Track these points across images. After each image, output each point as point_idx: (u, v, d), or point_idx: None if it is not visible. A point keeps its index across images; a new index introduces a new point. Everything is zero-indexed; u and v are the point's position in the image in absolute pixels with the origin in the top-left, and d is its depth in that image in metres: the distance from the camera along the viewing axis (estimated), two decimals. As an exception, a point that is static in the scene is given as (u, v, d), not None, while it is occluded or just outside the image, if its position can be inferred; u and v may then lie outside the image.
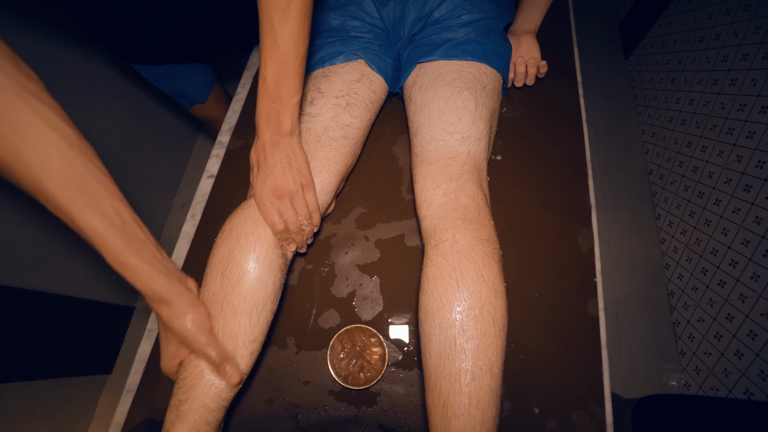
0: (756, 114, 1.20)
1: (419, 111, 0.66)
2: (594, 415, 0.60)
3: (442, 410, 0.45)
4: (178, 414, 0.46)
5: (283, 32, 0.47)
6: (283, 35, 0.47)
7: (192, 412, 0.46)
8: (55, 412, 1.24)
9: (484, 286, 0.48)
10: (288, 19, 0.47)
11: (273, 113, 0.52)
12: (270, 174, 0.54)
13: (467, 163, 0.59)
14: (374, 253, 0.73)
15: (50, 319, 1.18)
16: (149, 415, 0.63)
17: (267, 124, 0.53)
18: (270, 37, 0.47)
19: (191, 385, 0.47)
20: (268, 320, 0.53)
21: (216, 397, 0.48)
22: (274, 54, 0.48)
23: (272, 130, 0.53)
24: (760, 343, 1.10)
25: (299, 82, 0.52)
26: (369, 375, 0.61)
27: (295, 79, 0.51)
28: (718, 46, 1.41)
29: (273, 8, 0.46)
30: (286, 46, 0.48)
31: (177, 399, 0.48)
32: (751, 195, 1.18)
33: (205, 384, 0.47)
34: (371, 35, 0.74)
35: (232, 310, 0.49)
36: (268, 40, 0.48)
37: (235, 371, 0.47)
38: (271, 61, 0.49)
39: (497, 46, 0.70)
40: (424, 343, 0.51)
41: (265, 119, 0.53)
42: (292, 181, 0.55)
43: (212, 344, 0.47)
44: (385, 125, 0.84)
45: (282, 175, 0.54)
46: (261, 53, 0.50)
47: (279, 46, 0.48)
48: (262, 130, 0.54)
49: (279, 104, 0.51)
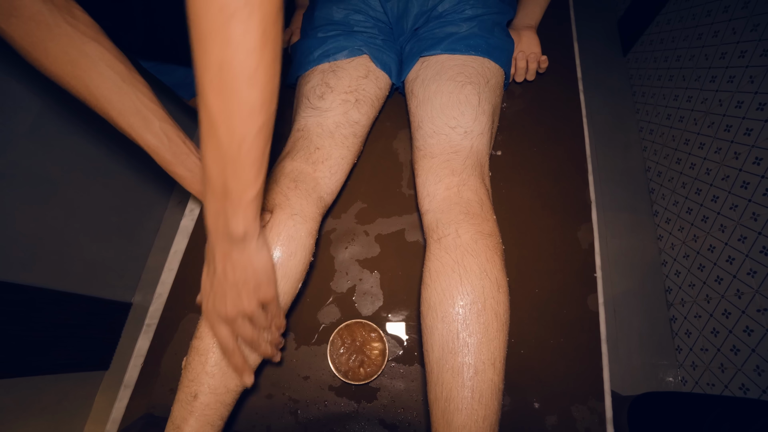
0: (754, 111, 1.20)
1: (421, 105, 0.66)
2: (594, 410, 0.60)
3: (444, 404, 0.45)
4: (190, 410, 0.46)
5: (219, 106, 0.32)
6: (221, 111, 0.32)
7: (205, 407, 0.46)
8: (52, 408, 1.23)
9: (487, 281, 0.48)
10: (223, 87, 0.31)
11: (220, 213, 0.38)
12: (220, 292, 0.44)
13: (470, 158, 0.59)
14: (374, 248, 0.72)
15: (47, 315, 1.17)
16: (147, 410, 0.63)
17: (214, 226, 0.40)
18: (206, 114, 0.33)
19: (203, 380, 0.47)
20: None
21: (230, 390, 0.48)
22: (215, 140, 0.34)
23: (221, 236, 0.40)
24: (756, 339, 1.11)
25: (259, 166, 0.36)
26: (369, 370, 0.61)
27: (252, 165, 0.35)
28: (717, 43, 1.41)
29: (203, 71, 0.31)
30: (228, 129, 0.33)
31: (187, 393, 0.47)
32: (748, 192, 1.19)
33: (219, 377, 0.47)
34: (375, 30, 0.73)
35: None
36: (205, 121, 0.33)
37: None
38: (210, 148, 0.34)
39: (500, 41, 0.70)
40: (426, 337, 0.51)
41: (212, 218, 0.39)
42: (247, 302, 0.44)
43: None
44: (385, 120, 0.84)
45: (235, 296, 0.43)
46: (200, 136, 0.34)
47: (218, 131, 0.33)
48: (210, 231, 0.41)
49: (226, 202, 0.37)
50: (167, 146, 0.54)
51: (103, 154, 1.29)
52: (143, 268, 1.57)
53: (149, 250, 1.60)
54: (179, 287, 0.71)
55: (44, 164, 1.10)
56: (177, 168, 0.55)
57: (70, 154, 1.18)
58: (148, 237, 1.60)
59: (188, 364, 0.49)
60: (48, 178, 1.12)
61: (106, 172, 1.31)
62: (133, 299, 1.53)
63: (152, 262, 1.58)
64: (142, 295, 1.54)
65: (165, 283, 0.72)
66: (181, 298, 0.70)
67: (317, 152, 0.61)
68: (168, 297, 0.70)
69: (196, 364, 0.48)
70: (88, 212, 1.27)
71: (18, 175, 1.04)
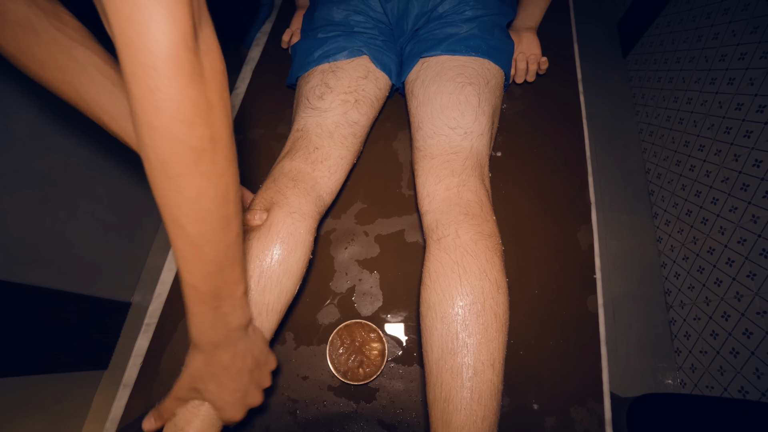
0: (754, 113, 1.20)
1: (421, 106, 0.66)
2: (593, 411, 0.60)
3: (443, 405, 0.45)
4: (196, 413, 0.46)
5: (201, 230, 0.33)
6: (203, 233, 0.33)
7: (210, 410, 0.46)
8: (51, 407, 1.23)
9: (487, 281, 0.48)
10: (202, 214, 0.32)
11: (219, 318, 0.39)
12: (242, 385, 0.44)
13: (470, 159, 0.59)
14: (374, 248, 0.72)
15: (46, 314, 1.17)
16: (146, 409, 0.62)
17: (213, 330, 0.40)
18: (184, 241, 0.33)
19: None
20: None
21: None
22: (199, 259, 0.35)
23: (222, 339, 0.41)
24: (756, 342, 1.11)
25: (243, 262, 0.39)
26: (368, 370, 0.61)
27: (238, 263, 0.38)
28: (717, 45, 1.41)
29: (173, 207, 0.32)
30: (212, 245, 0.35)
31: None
32: (748, 194, 1.19)
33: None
34: (375, 30, 0.73)
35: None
36: (183, 246, 0.34)
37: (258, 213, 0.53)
38: (196, 267, 0.35)
39: (500, 42, 0.70)
40: (425, 338, 0.51)
41: (210, 327, 0.40)
42: (265, 379, 0.48)
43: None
44: (385, 121, 0.84)
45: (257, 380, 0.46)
46: (178, 259, 0.35)
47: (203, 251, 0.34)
48: (204, 343, 0.41)
49: (222, 306, 0.39)
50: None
51: (102, 154, 1.29)
52: (142, 267, 1.57)
53: (148, 250, 1.60)
54: (178, 287, 0.71)
55: (44, 164, 1.10)
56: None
57: (70, 153, 1.18)
58: (147, 237, 1.60)
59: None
60: (47, 178, 1.12)
61: (105, 171, 1.31)
62: (132, 299, 1.53)
63: (151, 262, 1.58)
64: (141, 295, 1.54)
65: (165, 282, 0.72)
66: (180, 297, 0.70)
67: (316, 152, 0.61)
68: (167, 296, 0.70)
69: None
70: (88, 212, 1.27)
71: (17, 174, 1.04)
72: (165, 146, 0.28)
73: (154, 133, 0.28)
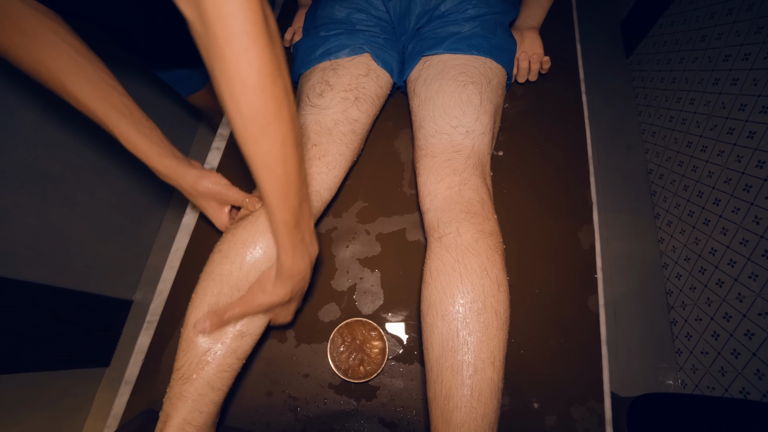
0: (757, 114, 1.20)
1: (423, 104, 0.66)
2: (593, 411, 0.60)
3: (443, 402, 0.45)
4: (180, 393, 0.47)
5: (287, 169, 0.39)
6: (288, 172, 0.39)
7: (195, 391, 0.46)
8: (53, 404, 1.23)
9: (487, 279, 0.48)
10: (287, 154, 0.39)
11: (305, 248, 0.46)
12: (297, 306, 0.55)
13: (471, 157, 0.59)
14: (375, 247, 0.72)
15: (48, 312, 1.17)
16: (148, 406, 0.63)
17: (302, 260, 0.47)
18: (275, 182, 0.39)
19: (196, 366, 0.47)
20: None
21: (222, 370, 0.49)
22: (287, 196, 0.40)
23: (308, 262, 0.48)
24: (757, 343, 1.11)
25: (309, 203, 0.46)
26: (369, 368, 0.61)
27: (307, 202, 0.45)
28: (720, 45, 1.41)
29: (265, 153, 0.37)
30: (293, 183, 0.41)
31: (179, 376, 0.48)
32: (750, 195, 1.19)
33: (208, 361, 0.48)
34: (377, 29, 0.73)
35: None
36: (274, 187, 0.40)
37: (256, 200, 0.56)
38: (285, 203, 0.41)
39: (502, 41, 0.70)
40: (426, 336, 0.51)
41: (300, 258, 0.47)
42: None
43: (233, 190, 0.58)
44: (387, 119, 0.84)
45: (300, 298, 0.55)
46: (270, 201, 0.40)
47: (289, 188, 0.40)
48: (297, 271, 0.47)
49: (306, 236, 0.46)
50: (129, 119, 0.52)
51: (105, 152, 1.29)
52: (144, 265, 1.58)
53: (150, 248, 1.61)
54: (180, 285, 0.71)
55: (46, 162, 1.11)
56: (140, 141, 0.53)
57: (72, 151, 1.18)
58: (149, 235, 1.60)
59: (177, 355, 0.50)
60: (50, 176, 1.13)
61: (108, 169, 1.32)
62: (134, 297, 1.54)
63: (153, 260, 1.59)
64: (142, 293, 1.54)
65: (166, 280, 0.72)
66: (182, 295, 0.70)
67: (314, 149, 0.61)
68: (169, 294, 0.71)
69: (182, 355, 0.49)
70: (90, 210, 1.28)
71: (20, 172, 1.04)
72: (257, 99, 0.34)
73: (247, 89, 0.33)
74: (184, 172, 0.57)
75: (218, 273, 0.51)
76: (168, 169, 0.56)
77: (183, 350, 0.49)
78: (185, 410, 0.46)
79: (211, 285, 0.51)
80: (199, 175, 0.57)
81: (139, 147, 0.53)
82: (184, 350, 0.49)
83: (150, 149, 0.54)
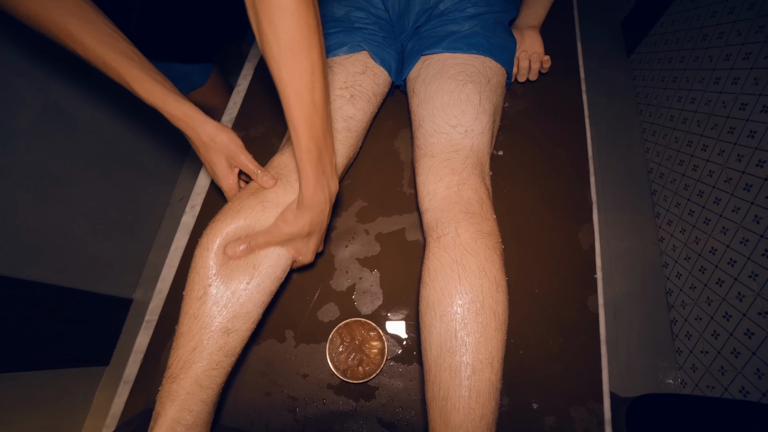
0: (758, 113, 1.20)
1: (422, 103, 0.66)
2: (592, 411, 0.60)
3: (441, 403, 0.45)
4: (169, 393, 0.46)
5: (315, 98, 0.41)
6: (315, 101, 0.42)
7: (183, 390, 0.46)
8: (52, 402, 1.23)
9: (486, 280, 0.48)
10: (316, 84, 0.41)
11: (325, 182, 0.48)
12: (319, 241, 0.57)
13: (470, 157, 0.59)
14: (374, 246, 0.72)
15: (48, 310, 1.17)
16: (146, 405, 0.63)
17: (322, 192, 0.48)
18: (304, 110, 0.41)
19: (184, 365, 0.47)
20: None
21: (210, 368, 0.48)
22: (312, 124, 0.43)
23: (327, 195, 0.50)
24: (757, 342, 1.11)
25: (332, 139, 0.48)
26: (368, 369, 0.61)
27: (330, 137, 0.46)
28: (721, 44, 1.40)
29: (297, 79, 0.40)
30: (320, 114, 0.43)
31: (169, 374, 0.48)
32: (750, 194, 1.18)
33: (195, 360, 0.47)
34: (375, 27, 0.73)
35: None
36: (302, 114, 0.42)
37: (270, 178, 0.55)
38: (311, 131, 0.43)
39: (502, 40, 0.70)
40: (424, 336, 0.51)
41: (320, 189, 0.48)
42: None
43: (248, 155, 0.58)
44: (387, 119, 0.84)
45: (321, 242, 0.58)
46: (297, 127, 0.43)
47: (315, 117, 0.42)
48: (317, 203, 0.49)
49: (327, 169, 0.48)
50: (138, 64, 0.51)
51: (105, 150, 1.29)
52: (144, 264, 1.58)
53: (150, 247, 1.61)
54: (179, 284, 0.71)
55: (46, 160, 1.11)
56: (153, 85, 0.52)
57: (73, 150, 1.18)
58: (149, 233, 1.60)
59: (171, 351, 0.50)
60: (50, 174, 1.13)
61: (107, 168, 1.32)
62: (134, 295, 1.54)
63: (153, 259, 1.59)
64: (142, 292, 1.54)
65: (165, 279, 0.72)
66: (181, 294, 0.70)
67: None
68: (168, 293, 0.71)
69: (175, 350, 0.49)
70: (90, 208, 1.28)
71: (20, 171, 1.04)
72: (294, 24, 0.36)
73: (285, 14, 0.36)
74: (204, 121, 0.55)
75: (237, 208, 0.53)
76: (186, 115, 0.54)
77: (174, 348, 0.49)
78: (174, 410, 0.45)
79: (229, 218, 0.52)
80: (218, 127, 0.56)
81: (154, 91, 0.52)
82: (175, 348, 0.48)
83: (165, 94, 0.53)
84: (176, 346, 0.48)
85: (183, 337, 0.48)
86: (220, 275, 0.49)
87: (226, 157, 0.58)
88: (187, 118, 0.54)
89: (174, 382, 0.46)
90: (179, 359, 0.47)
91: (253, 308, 0.51)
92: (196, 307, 0.49)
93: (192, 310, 0.49)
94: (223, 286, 0.49)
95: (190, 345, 0.47)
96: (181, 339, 0.48)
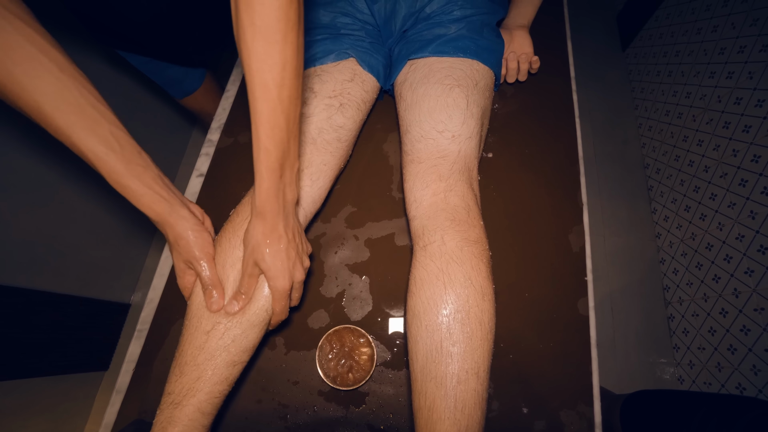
0: (752, 108, 1.19)
1: (409, 109, 0.65)
2: (582, 415, 0.60)
3: (427, 413, 0.45)
4: (170, 418, 0.46)
5: (281, 95, 0.39)
6: (282, 99, 0.39)
7: (186, 417, 0.46)
8: (52, 408, 1.24)
9: (472, 289, 0.48)
10: (285, 80, 0.39)
11: (280, 189, 0.44)
12: (292, 260, 0.49)
13: (457, 163, 0.59)
14: (364, 252, 0.72)
15: (46, 317, 1.18)
16: (139, 415, 0.63)
17: (276, 199, 0.44)
18: (268, 104, 0.39)
19: (187, 393, 0.47)
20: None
21: (213, 397, 0.48)
22: (276, 123, 0.40)
23: (281, 203, 0.45)
24: (753, 338, 1.10)
25: (297, 145, 0.45)
26: (358, 375, 0.61)
27: (295, 142, 0.43)
28: (716, 38, 1.39)
29: (266, 71, 0.38)
30: (286, 113, 0.40)
31: (170, 400, 0.47)
32: (746, 189, 1.18)
33: (200, 388, 0.47)
34: (362, 32, 0.72)
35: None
36: (266, 109, 0.39)
37: (219, 299, 0.50)
38: (273, 130, 0.40)
39: (489, 42, 0.69)
40: (411, 346, 0.51)
41: (273, 196, 0.44)
42: (305, 261, 0.51)
43: (207, 265, 0.51)
44: (376, 123, 0.83)
45: (298, 261, 0.50)
46: (259, 123, 0.40)
47: (280, 116, 0.40)
48: (270, 209, 0.45)
49: (284, 177, 0.44)
50: (119, 154, 0.45)
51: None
52: (141, 269, 1.58)
53: (147, 251, 1.61)
54: (170, 293, 0.71)
55: (42, 167, 1.11)
56: (130, 181, 0.46)
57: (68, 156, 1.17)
58: (145, 237, 1.60)
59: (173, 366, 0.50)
60: (46, 181, 1.13)
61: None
62: (131, 300, 1.54)
63: (150, 263, 1.59)
64: (140, 296, 1.55)
65: (156, 288, 0.72)
66: (172, 303, 0.70)
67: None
68: (159, 302, 0.71)
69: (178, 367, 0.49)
70: (86, 215, 1.28)
71: (16, 178, 1.04)
72: (273, 12, 0.35)
73: (265, 1, 0.34)
74: (175, 222, 0.50)
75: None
76: (158, 216, 0.50)
77: (176, 375, 0.48)
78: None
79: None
80: (189, 227, 0.51)
81: (128, 189, 0.47)
82: (177, 375, 0.48)
83: (140, 192, 0.48)
84: (179, 373, 0.48)
85: (187, 366, 0.48)
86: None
87: (184, 261, 0.53)
88: (158, 218, 0.50)
89: (176, 408, 0.46)
90: (182, 387, 0.47)
91: (256, 340, 0.52)
92: (202, 339, 0.48)
93: (198, 341, 0.48)
94: (231, 323, 0.49)
95: (194, 374, 0.47)
96: (186, 368, 0.48)
